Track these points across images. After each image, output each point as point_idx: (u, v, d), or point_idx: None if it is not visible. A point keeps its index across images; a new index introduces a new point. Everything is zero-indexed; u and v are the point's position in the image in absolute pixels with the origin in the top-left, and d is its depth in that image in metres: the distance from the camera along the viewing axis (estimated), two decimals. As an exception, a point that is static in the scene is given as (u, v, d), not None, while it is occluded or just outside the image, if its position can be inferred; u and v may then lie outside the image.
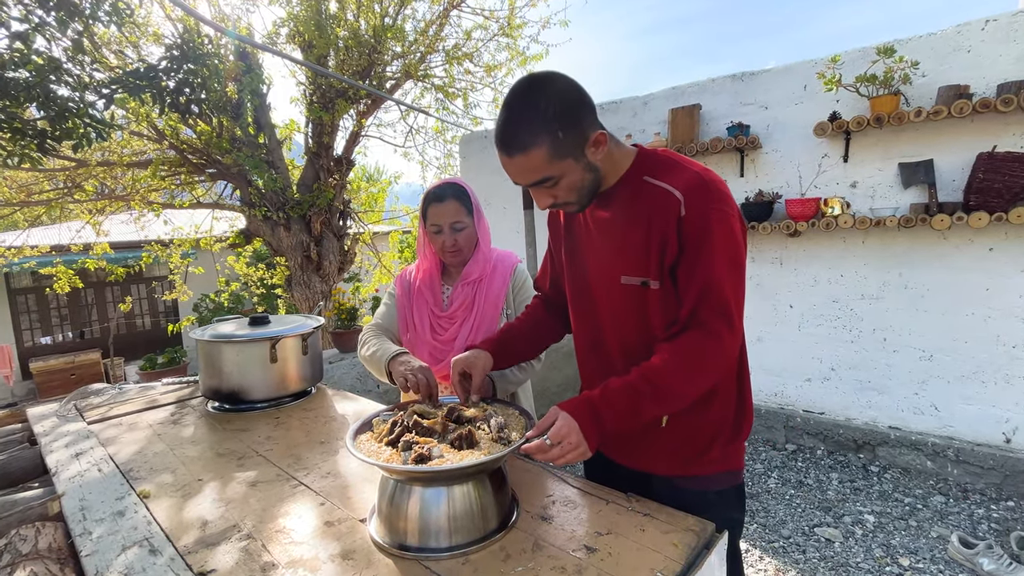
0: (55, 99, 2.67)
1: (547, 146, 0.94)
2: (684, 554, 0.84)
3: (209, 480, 1.16)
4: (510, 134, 0.96)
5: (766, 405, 3.66)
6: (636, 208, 1.04)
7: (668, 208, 0.98)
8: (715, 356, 0.97)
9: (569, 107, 0.96)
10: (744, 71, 3.54)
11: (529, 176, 0.99)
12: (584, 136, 0.98)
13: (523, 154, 0.95)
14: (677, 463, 1.11)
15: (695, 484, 1.11)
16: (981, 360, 2.94)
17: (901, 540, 2.50)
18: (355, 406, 1.66)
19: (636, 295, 1.05)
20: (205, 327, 1.73)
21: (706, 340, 0.96)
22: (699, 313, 0.97)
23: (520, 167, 0.97)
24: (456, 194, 1.45)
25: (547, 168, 0.97)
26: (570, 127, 0.95)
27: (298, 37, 5.34)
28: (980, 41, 2.78)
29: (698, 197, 0.97)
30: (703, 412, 1.08)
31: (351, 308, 3.78)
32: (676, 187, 0.99)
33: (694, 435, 1.09)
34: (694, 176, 1.00)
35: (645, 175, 1.05)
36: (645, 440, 1.13)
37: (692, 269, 0.97)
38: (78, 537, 0.95)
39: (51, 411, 1.73)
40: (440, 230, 1.46)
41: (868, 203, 3.16)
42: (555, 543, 0.88)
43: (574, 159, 0.98)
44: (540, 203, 1.05)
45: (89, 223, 6.25)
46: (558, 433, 0.91)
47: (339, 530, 0.94)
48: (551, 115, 0.93)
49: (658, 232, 0.99)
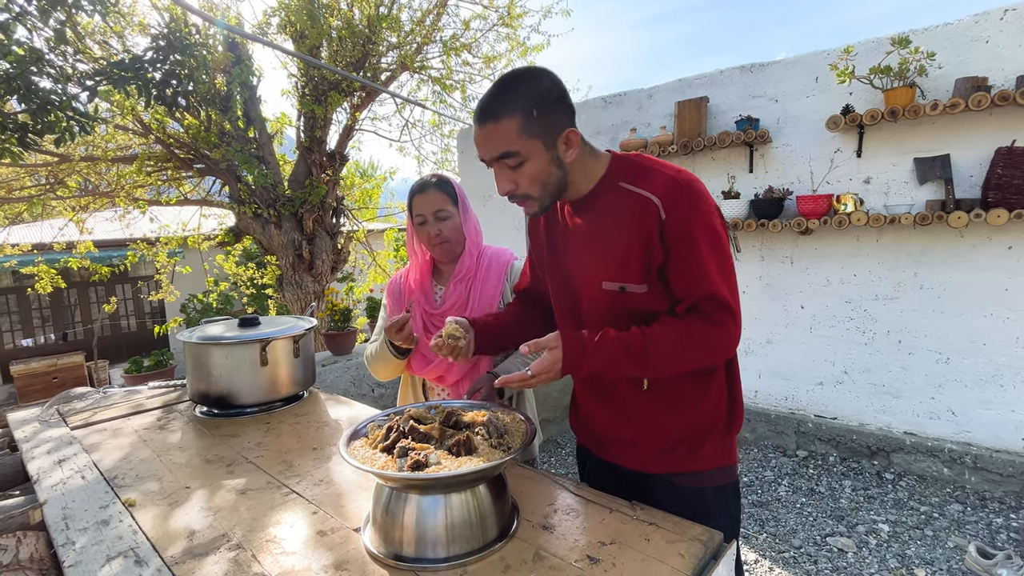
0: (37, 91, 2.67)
1: (519, 119, 1.00)
2: (691, 564, 0.84)
3: (197, 488, 1.16)
4: (485, 106, 1.02)
5: (776, 410, 3.66)
6: (614, 214, 1.09)
7: (648, 213, 1.04)
8: (717, 343, 1.05)
9: (548, 97, 1.02)
10: (753, 63, 3.54)
11: (494, 147, 1.03)
12: (558, 127, 1.03)
13: (494, 122, 1.01)
14: (674, 460, 1.16)
15: (693, 480, 1.16)
16: (1000, 363, 2.94)
17: (917, 550, 2.50)
18: (349, 411, 1.66)
19: (618, 299, 1.11)
20: (193, 329, 1.73)
21: (710, 327, 1.03)
22: (699, 307, 1.04)
23: (488, 136, 1.03)
24: (437, 183, 1.52)
25: (514, 142, 1.01)
26: (545, 113, 1.02)
27: (289, 27, 5.34)
28: (999, 31, 2.78)
29: (676, 200, 1.04)
30: (698, 408, 1.14)
31: (344, 309, 3.78)
32: (654, 192, 1.05)
33: (689, 432, 1.15)
34: (669, 179, 1.06)
35: (621, 181, 1.10)
36: (641, 439, 1.18)
37: (683, 272, 1.04)
38: (61, 547, 0.95)
39: (32, 416, 1.72)
40: (425, 220, 1.51)
41: (882, 200, 3.16)
42: (557, 553, 0.88)
43: (543, 144, 1.03)
44: (500, 186, 1.08)
45: (72, 220, 6.26)
46: (541, 367, 1.03)
47: (332, 540, 0.95)
48: (530, 95, 1.01)
49: (639, 237, 1.05)
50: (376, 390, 3.51)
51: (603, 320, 1.13)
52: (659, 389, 1.14)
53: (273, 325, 1.74)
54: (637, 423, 1.18)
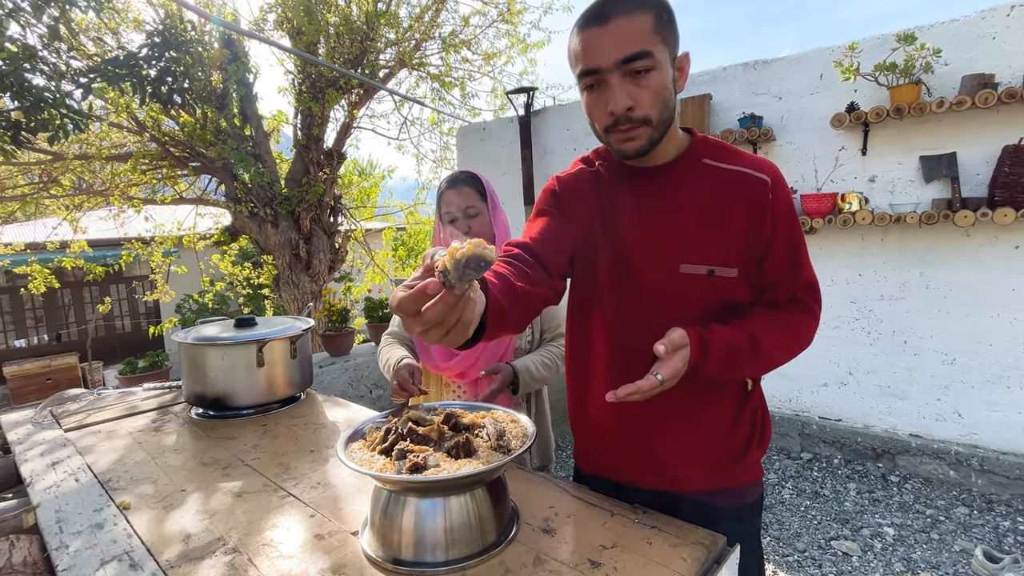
0: (30, 89, 2.67)
1: (653, 17, 0.89)
2: (694, 569, 0.84)
3: (192, 491, 1.16)
4: (610, 2, 0.90)
5: (780, 412, 3.66)
6: (709, 190, 1.01)
7: (758, 192, 1.00)
8: (810, 333, 1.04)
9: (669, 7, 0.93)
10: (757, 59, 3.55)
11: (624, 46, 0.89)
12: (678, 44, 0.95)
13: (627, 17, 0.88)
14: (708, 477, 1.08)
15: (725, 499, 1.08)
16: (1007, 364, 2.94)
17: (922, 554, 2.50)
18: (346, 412, 1.66)
19: (698, 284, 0.99)
20: (188, 329, 1.73)
21: (807, 318, 1.03)
22: (799, 295, 1.03)
23: (619, 33, 0.89)
24: (467, 180, 1.53)
25: (649, 41, 0.89)
26: (671, 21, 0.93)
27: (286, 23, 5.34)
28: (1006, 27, 2.78)
29: (779, 182, 1.02)
30: (739, 419, 1.07)
31: (342, 309, 3.78)
32: (761, 172, 1.01)
33: (727, 445, 1.08)
34: (765, 162, 1.04)
35: (705, 158, 1.03)
36: (676, 455, 1.08)
37: (786, 257, 1.02)
38: (54, 551, 0.95)
39: (26, 418, 1.72)
40: (454, 217, 1.51)
41: (887, 198, 3.16)
42: (557, 557, 0.88)
43: (670, 54, 0.93)
44: (617, 101, 0.91)
45: (66, 220, 6.25)
46: (675, 370, 0.86)
47: (329, 543, 0.94)
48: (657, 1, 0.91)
49: (745, 219, 0.99)
50: (374, 391, 3.51)
51: (670, 308, 1.01)
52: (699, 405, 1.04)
53: (270, 326, 1.74)
54: (675, 438, 1.07)
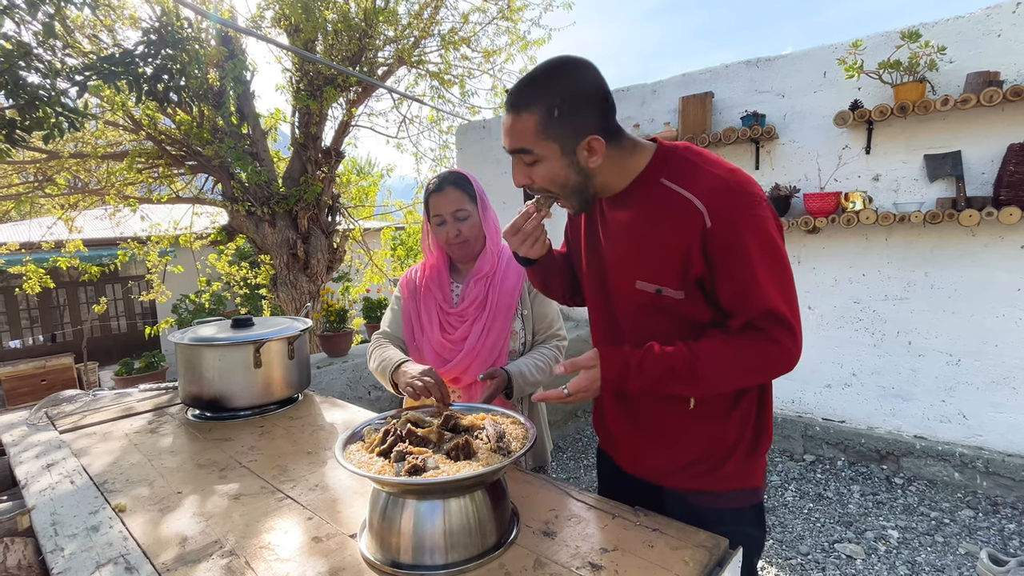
0: (24, 86, 2.67)
1: (538, 117, 0.98)
2: (695, 572, 0.84)
3: (189, 493, 1.16)
4: (512, 94, 1.01)
5: (783, 413, 3.66)
6: (653, 214, 1.03)
7: (689, 220, 0.97)
8: (774, 361, 0.98)
9: (577, 96, 0.98)
10: (759, 57, 3.55)
11: (510, 140, 1.02)
12: (580, 132, 0.99)
13: (515, 114, 1.00)
14: (690, 476, 1.11)
15: (708, 500, 1.11)
16: (1012, 365, 2.94)
17: (927, 557, 2.50)
18: (344, 414, 1.66)
19: (652, 301, 1.06)
20: (185, 330, 1.74)
21: (766, 345, 0.97)
22: (755, 323, 0.97)
23: (507, 126, 1.02)
24: (456, 181, 1.49)
25: (529, 140, 1.00)
26: (569, 114, 0.97)
27: (284, 20, 5.34)
28: (1011, 25, 2.78)
29: (724, 205, 0.95)
30: (721, 424, 1.08)
31: (340, 309, 3.78)
32: (698, 196, 0.97)
33: (710, 448, 1.09)
34: (718, 181, 0.98)
35: (663, 177, 1.03)
36: (658, 450, 1.14)
37: (734, 287, 0.97)
38: (49, 554, 0.95)
39: (20, 419, 1.72)
40: (443, 220, 1.49)
41: (892, 197, 3.16)
42: (558, 560, 0.88)
43: (560, 148, 1.00)
44: (515, 178, 1.06)
45: (61, 219, 6.25)
46: (578, 386, 1.01)
47: (327, 546, 0.95)
48: (556, 93, 0.97)
49: (678, 244, 0.99)
50: (373, 392, 3.51)
51: (638, 320, 1.09)
52: (683, 399, 1.08)
53: (267, 326, 1.74)
54: (654, 432, 1.14)
